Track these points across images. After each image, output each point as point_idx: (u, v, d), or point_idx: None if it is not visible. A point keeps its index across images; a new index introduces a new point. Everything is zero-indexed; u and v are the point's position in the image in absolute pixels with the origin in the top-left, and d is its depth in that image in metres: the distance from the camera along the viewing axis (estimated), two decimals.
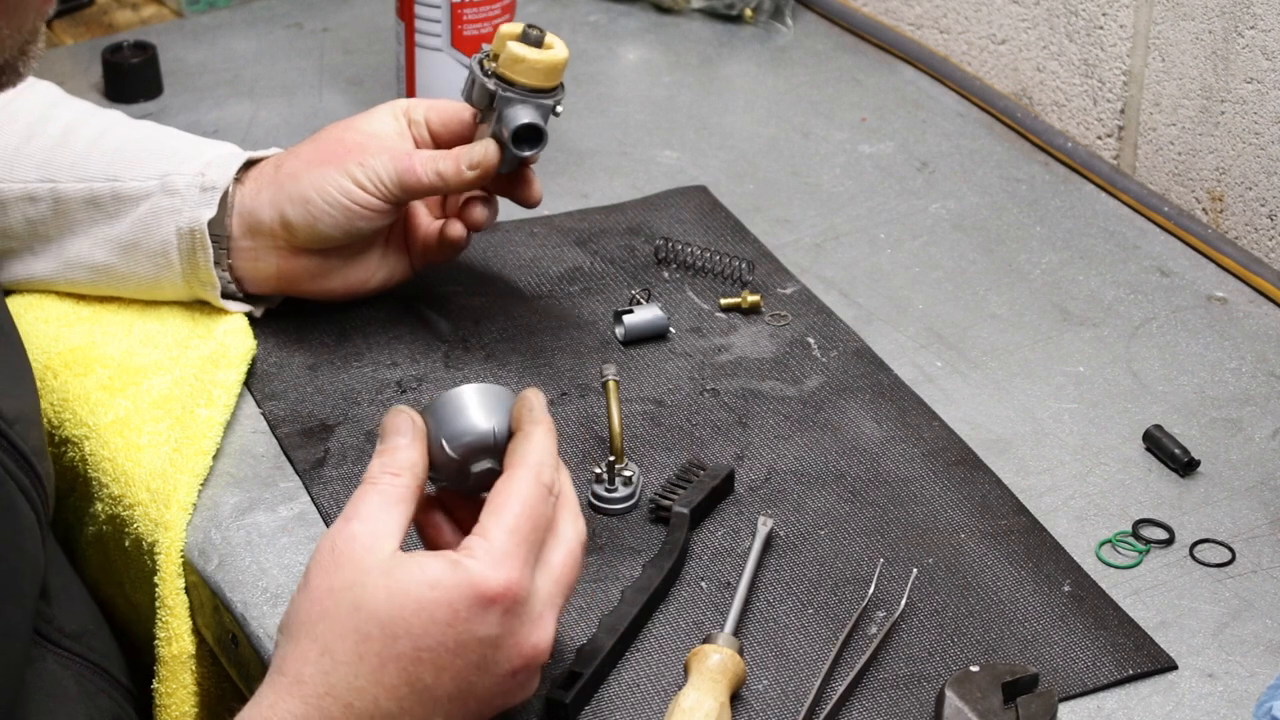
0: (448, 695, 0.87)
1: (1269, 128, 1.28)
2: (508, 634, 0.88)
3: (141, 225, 1.16)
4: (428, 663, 0.86)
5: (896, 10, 1.60)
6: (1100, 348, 1.24)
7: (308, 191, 1.13)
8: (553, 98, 1.16)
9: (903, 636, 1.00)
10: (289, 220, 1.14)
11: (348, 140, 1.15)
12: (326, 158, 1.14)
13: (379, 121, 1.17)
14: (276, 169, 1.16)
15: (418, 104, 1.18)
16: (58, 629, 1.03)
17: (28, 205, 1.18)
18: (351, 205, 1.13)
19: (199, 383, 1.13)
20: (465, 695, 0.87)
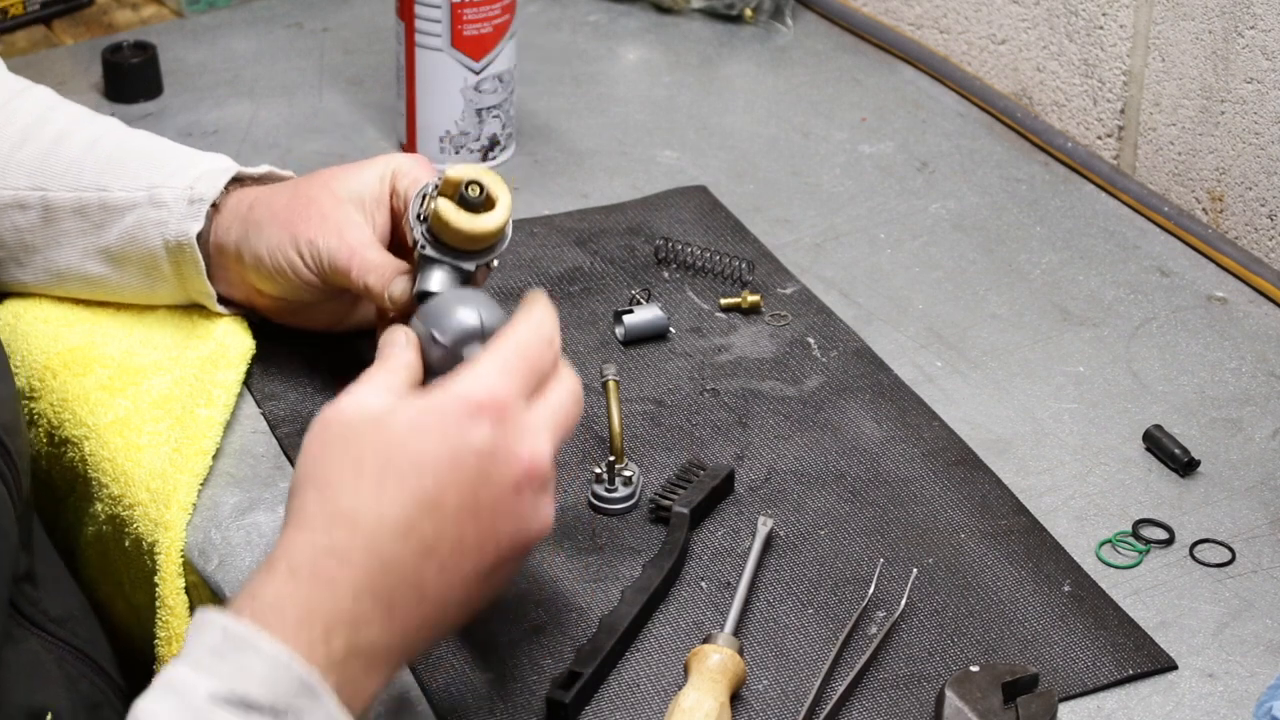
0: (455, 509, 0.86)
1: (1269, 128, 1.28)
2: (501, 444, 0.87)
3: (129, 236, 1.15)
4: (428, 472, 0.86)
5: (896, 10, 1.60)
6: (1100, 348, 1.24)
7: (260, 250, 1.12)
8: (480, 259, 1.07)
9: (903, 636, 1.00)
10: (247, 265, 1.14)
11: (318, 204, 1.12)
12: (289, 219, 1.12)
13: (363, 181, 1.13)
14: (250, 209, 1.14)
15: (407, 173, 1.13)
16: (43, 612, 1.03)
17: (17, 213, 1.17)
18: (293, 276, 1.12)
19: (199, 383, 1.13)
20: (475, 511, 0.86)
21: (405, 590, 0.86)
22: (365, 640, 0.85)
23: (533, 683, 0.97)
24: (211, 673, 0.82)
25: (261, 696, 0.81)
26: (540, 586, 1.03)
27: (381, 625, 0.85)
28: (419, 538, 0.86)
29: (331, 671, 0.83)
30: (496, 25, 1.37)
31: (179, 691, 0.82)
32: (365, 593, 0.85)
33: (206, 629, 0.83)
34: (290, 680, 0.82)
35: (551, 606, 1.02)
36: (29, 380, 1.17)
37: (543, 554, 1.05)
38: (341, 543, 0.86)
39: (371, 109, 1.50)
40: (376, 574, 0.85)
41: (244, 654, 0.82)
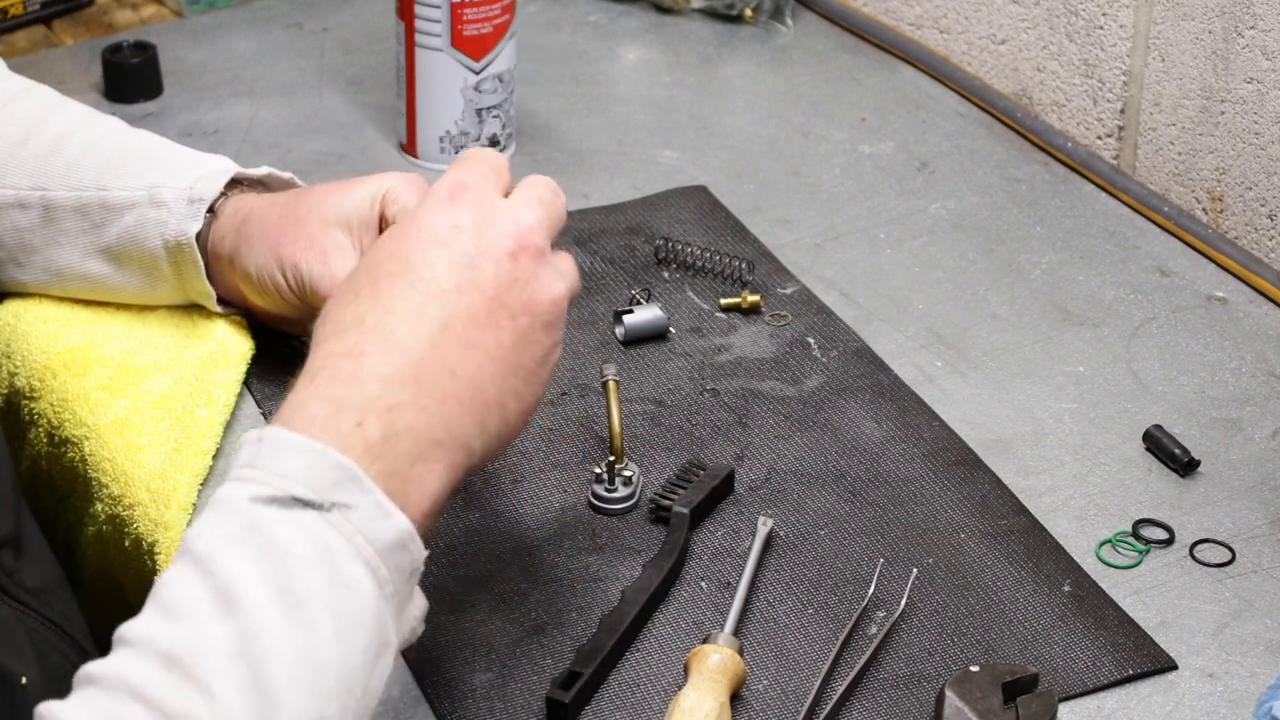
0: (454, 286, 0.88)
1: (1269, 128, 1.28)
2: (483, 216, 0.90)
3: (129, 236, 1.15)
4: (419, 261, 0.88)
5: (896, 10, 1.60)
6: (1100, 348, 1.24)
7: (249, 266, 1.12)
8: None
9: (903, 636, 1.00)
10: (239, 276, 1.14)
11: (305, 226, 1.12)
12: (278, 239, 1.11)
13: (353, 203, 1.12)
14: (244, 221, 1.14)
15: (397, 198, 1.12)
16: (18, 583, 1.03)
17: (18, 213, 1.17)
18: (277, 296, 1.12)
19: (199, 383, 1.13)
20: (476, 283, 0.88)
21: (431, 370, 0.87)
22: (403, 424, 0.85)
23: (533, 683, 0.97)
24: (251, 480, 0.82)
25: (304, 491, 0.81)
26: (540, 586, 1.03)
27: (416, 408, 0.85)
28: (429, 319, 0.87)
29: (372, 460, 0.83)
30: (496, 25, 1.37)
31: (222, 502, 0.82)
32: (390, 377, 0.85)
33: (242, 447, 0.84)
34: (330, 469, 0.82)
35: (551, 606, 1.02)
36: (29, 380, 1.17)
37: (543, 554, 1.05)
38: (353, 342, 0.87)
39: (371, 109, 1.50)
40: (396, 358, 0.86)
41: (279, 455, 0.83)
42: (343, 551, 0.81)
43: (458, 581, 1.03)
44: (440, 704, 0.96)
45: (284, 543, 0.80)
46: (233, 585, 0.79)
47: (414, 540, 0.83)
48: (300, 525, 0.80)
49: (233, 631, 0.78)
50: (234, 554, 0.80)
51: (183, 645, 0.77)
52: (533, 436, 1.14)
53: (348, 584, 0.81)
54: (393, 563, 0.82)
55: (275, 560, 0.79)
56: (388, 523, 0.82)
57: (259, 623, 0.78)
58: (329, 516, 0.81)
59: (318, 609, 0.79)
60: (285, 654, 0.78)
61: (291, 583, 0.79)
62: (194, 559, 0.80)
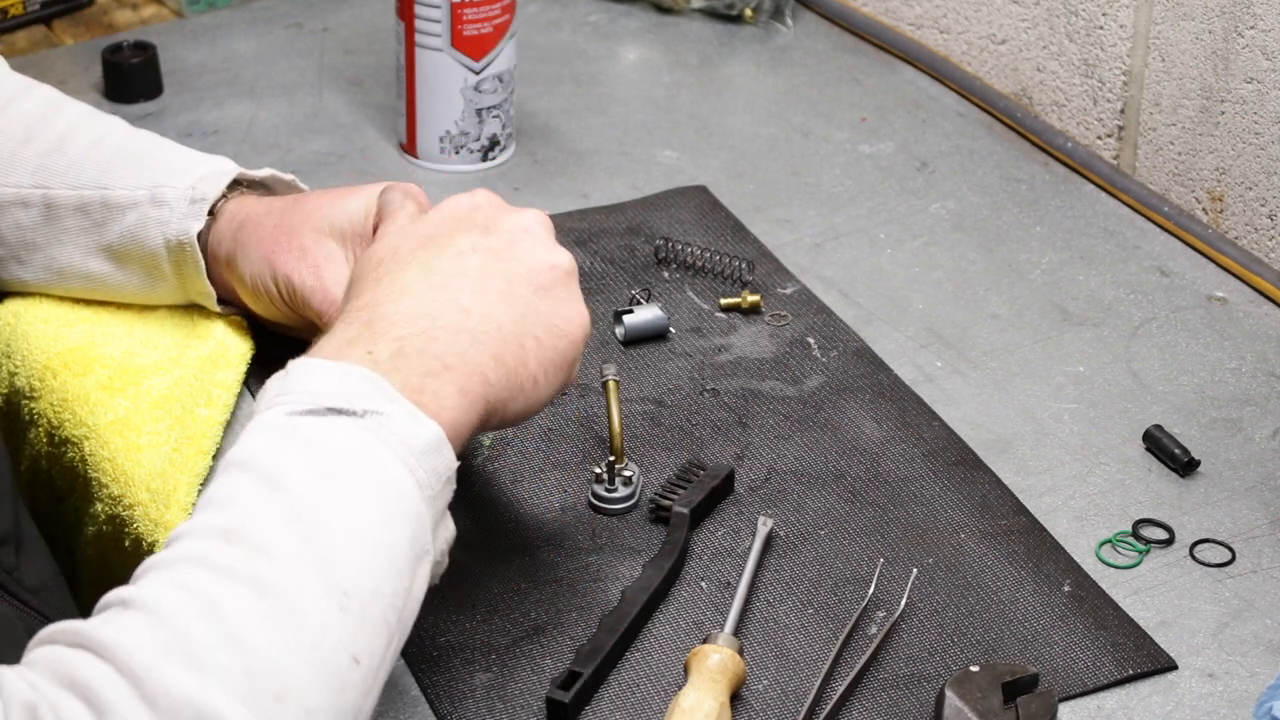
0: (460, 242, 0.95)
1: (1269, 128, 1.28)
2: (497, 204, 0.99)
3: (130, 235, 1.15)
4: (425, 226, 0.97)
5: (896, 10, 1.60)
6: (1100, 348, 1.24)
7: (244, 272, 1.13)
8: None
9: (903, 636, 1.00)
10: (235, 281, 1.14)
11: (298, 236, 1.12)
12: (271, 248, 1.12)
13: (347, 213, 1.12)
14: (240, 227, 1.14)
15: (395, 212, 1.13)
16: (17, 581, 1.03)
17: (20, 211, 1.17)
18: (269, 302, 1.13)
19: (199, 383, 1.13)
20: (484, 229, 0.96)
21: (442, 307, 0.92)
22: (413, 348, 0.89)
23: (533, 683, 0.97)
24: (283, 403, 0.85)
25: (338, 402, 0.85)
26: (540, 586, 1.03)
27: (425, 337, 0.90)
28: (439, 270, 0.94)
29: (384, 375, 0.87)
30: (496, 25, 1.37)
31: (256, 426, 0.86)
32: (400, 317, 0.90)
33: (266, 386, 0.88)
34: (359, 381, 0.86)
35: (551, 606, 1.02)
36: (29, 380, 1.17)
37: (543, 554, 1.05)
38: (369, 299, 0.93)
39: (371, 109, 1.50)
40: (409, 302, 0.92)
41: (308, 375, 0.87)
42: (382, 451, 0.84)
43: (458, 581, 1.03)
44: (440, 704, 0.96)
45: (326, 440, 0.84)
46: (281, 472, 0.82)
47: (445, 445, 0.87)
48: (339, 427, 0.84)
49: (284, 503, 0.81)
50: (278, 453, 0.83)
51: (238, 520, 0.81)
52: (533, 436, 1.14)
53: (392, 481, 0.84)
54: (429, 465, 0.86)
55: (319, 453, 0.83)
56: (421, 427, 0.86)
57: (309, 499, 0.82)
58: (364, 422, 0.85)
59: (365, 495, 0.83)
60: (336, 525, 0.81)
61: (337, 471, 0.83)
62: (238, 465, 0.84)
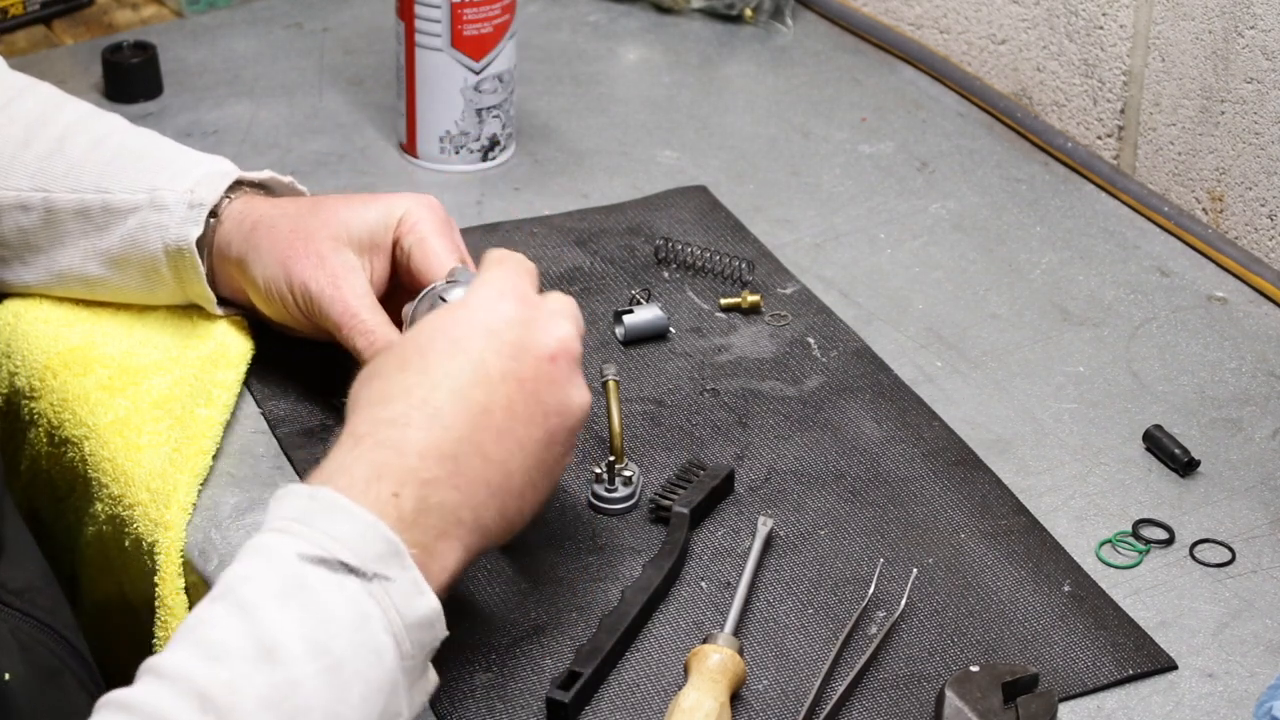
0: (500, 375, 0.92)
1: (1269, 128, 1.28)
2: (529, 317, 0.95)
3: (130, 239, 1.15)
4: (469, 346, 0.93)
5: (896, 10, 1.60)
6: (1100, 348, 1.24)
7: (257, 276, 1.12)
8: None
9: (903, 636, 1.00)
10: (247, 283, 1.14)
11: (315, 244, 1.11)
12: (287, 254, 1.11)
13: (364, 222, 1.12)
14: (253, 228, 1.13)
15: (413, 228, 1.12)
16: (1, 584, 1.03)
17: (20, 214, 1.17)
18: (283, 307, 1.12)
19: (199, 383, 1.13)
20: (519, 377, 0.93)
21: (467, 450, 0.90)
22: (435, 500, 0.88)
23: (533, 683, 0.97)
24: (300, 536, 0.84)
25: (352, 559, 0.84)
26: (540, 586, 1.03)
27: (449, 485, 0.89)
28: (472, 402, 0.91)
29: (404, 530, 0.86)
30: (496, 25, 1.37)
31: (270, 552, 0.85)
32: (430, 451, 0.89)
33: (288, 498, 0.87)
34: (378, 542, 0.85)
35: (551, 606, 1.02)
36: (29, 380, 1.17)
37: (543, 554, 1.05)
38: (400, 412, 0.90)
39: (371, 109, 1.50)
40: (438, 434, 0.90)
41: (331, 517, 0.85)
42: (377, 621, 0.84)
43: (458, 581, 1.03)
44: (440, 704, 0.96)
45: (328, 604, 0.83)
46: (276, 636, 0.81)
47: (440, 620, 0.87)
48: (344, 590, 0.84)
49: (271, 681, 0.80)
50: (279, 607, 0.82)
51: (220, 688, 0.79)
52: None
53: (377, 652, 0.84)
54: (417, 638, 0.86)
55: (318, 619, 0.82)
56: (421, 600, 0.86)
57: (296, 676, 0.81)
58: (370, 586, 0.84)
59: (350, 673, 0.82)
60: (315, 710, 0.81)
61: (330, 643, 0.82)
62: (238, 604, 0.83)
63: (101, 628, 1.19)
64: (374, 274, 1.12)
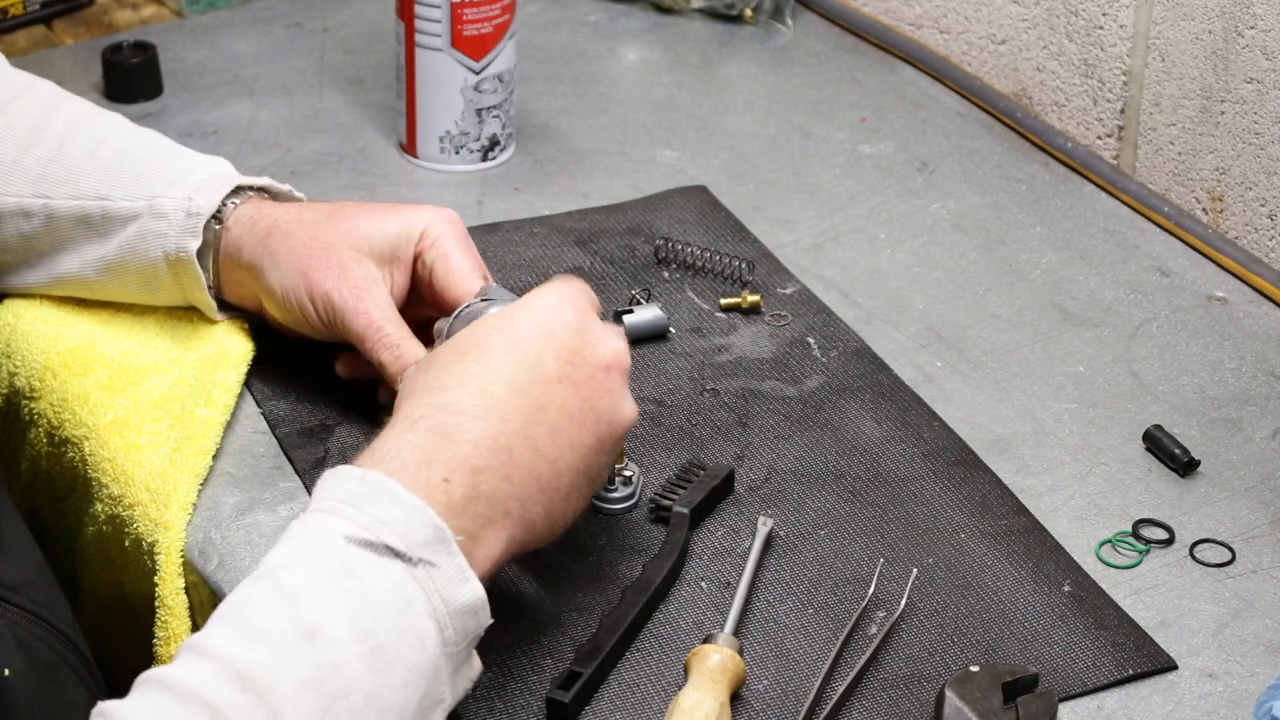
0: (557, 376, 0.93)
1: (1269, 128, 1.28)
2: (587, 325, 0.96)
3: (129, 247, 1.15)
4: (528, 344, 0.93)
5: (896, 10, 1.60)
6: (1100, 348, 1.24)
7: (274, 284, 1.11)
8: None
9: (903, 636, 1.00)
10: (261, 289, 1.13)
11: (336, 254, 1.11)
12: (307, 262, 1.11)
13: (385, 234, 1.11)
14: (268, 234, 1.12)
15: (436, 243, 1.11)
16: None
17: (22, 220, 1.17)
18: (302, 316, 1.12)
19: (199, 383, 1.13)
20: (574, 381, 0.94)
21: (521, 443, 0.91)
22: (485, 488, 0.89)
23: (533, 683, 0.97)
24: (348, 518, 0.85)
25: (398, 543, 0.84)
26: (540, 586, 1.03)
27: (500, 475, 0.90)
28: (529, 398, 0.92)
29: (451, 516, 0.87)
30: (496, 25, 1.37)
31: (316, 533, 0.85)
32: (484, 441, 0.90)
33: (339, 479, 0.87)
34: (425, 527, 0.85)
35: (551, 606, 1.02)
36: (29, 380, 1.17)
37: (543, 554, 1.05)
38: (456, 399, 0.91)
39: (371, 109, 1.50)
40: (495, 424, 0.90)
41: (380, 500, 0.86)
42: (421, 606, 0.84)
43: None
44: None
45: (372, 587, 0.83)
46: (318, 618, 0.82)
47: (484, 608, 0.88)
48: (389, 573, 0.84)
49: (312, 663, 0.80)
50: (323, 589, 0.83)
51: (261, 668, 0.80)
52: None
53: (420, 637, 0.84)
54: (460, 624, 0.86)
55: (362, 601, 0.83)
56: (465, 587, 0.86)
57: (338, 658, 0.81)
58: (415, 571, 0.85)
59: (393, 655, 0.83)
60: (357, 693, 0.81)
61: (375, 626, 0.83)
62: (282, 585, 0.83)
63: (102, 627, 1.19)
64: (394, 286, 1.12)
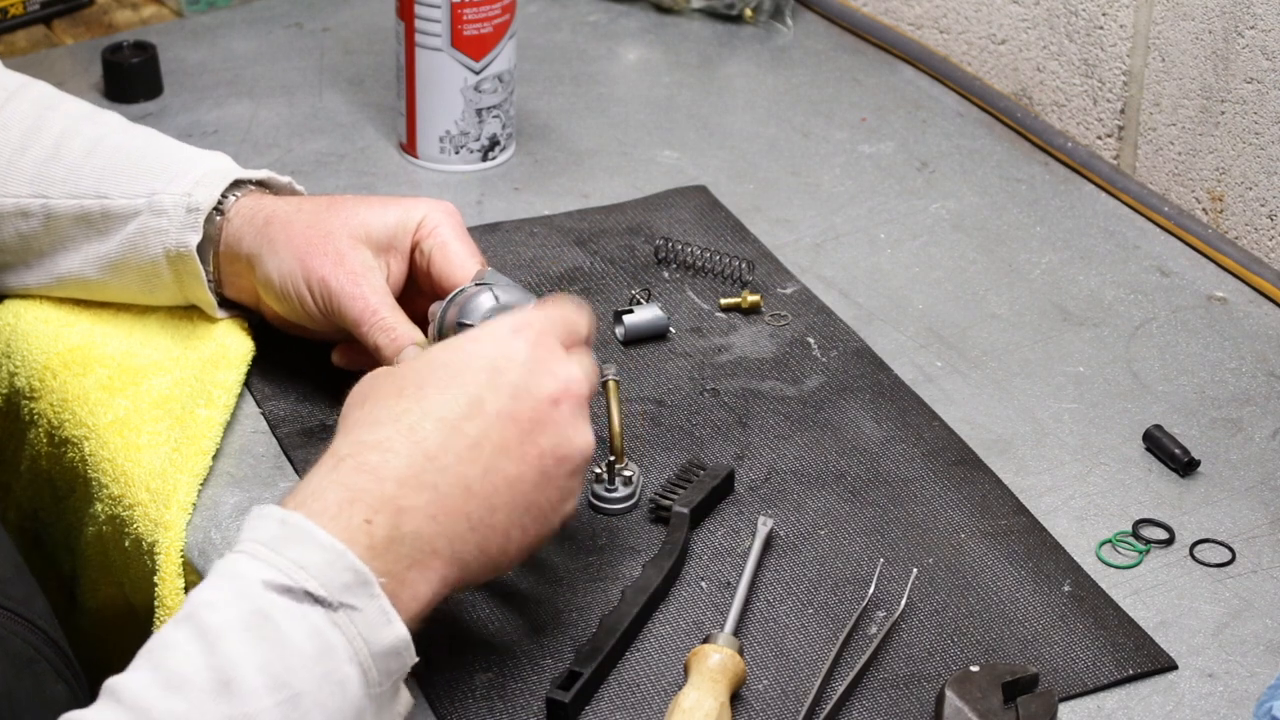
0: (496, 412, 0.91)
1: (1269, 128, 1.28)
2: (538, 358, 0.93)
3: (130, 245, 1.15)
4: (469, 380, 0.91)
5: (896, 10, 1.60)
6: (1100, 348, 1.24)
7: (271, 272, 1.12)
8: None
9: (903, 636, 1.00)
10: (258, 280, 1.13)
11: (334, 241, 1.11)
12: (305, 250, 1.11)
13: (384, 223, 1.12)
14: (266, 224, 1.13)
15: (433, 232, 1.12)
16: None
17: (20, 220, 1.17)
18: (299, 307, 1.12)
19: (199, 383, 1.13)
20: (514, 416, 0.92)
21: (449, 483, 0.89)
22: (409, 528, 0.88)
23: (533, 683, 0.97)
24: (268, 562, 0.84)
25: (317, 589, 0.84)
26: (540, 586, 1.03)
27: (425, 514, 0.88)
28: (461, 434, 0.90)
29: (373, 558, 0.86)
30: (496, 25, 1.37)
31: (236, 578, 0.84)
32: (409, 480, 0.88)
33: (262, 520, 0.86)
34: (345, 572, 0.85)
35: (551, 606, 1.02)
36: (29, 380, 1.17)
37: (543, 554, 1.05)
38: (384, 437, 0.89)
39: (371, 109, 1.50)
40: (420, 463, 0.89)
41: (300, 545, 0.85)
42: (342, 651, 0.84)
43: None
44: (440, 704, 0.96)
45: (289, 636, 0.83)
46: (234, 668, 0.81)
47: (408, 648, 0.87)
48: (307, 620, 0.83)
49: (226, 714, 0.80)
50: (240, 637, 0.82)
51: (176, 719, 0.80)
52: None
53: (341, 682, 0.84)
54: (384, 666, 0.85)
55: (279, 652, 0.82)
56: (388, 629, 0.85)
57: (253, 710, 0.81)
58: (335, 616, 0.84)
59: (309, 705, 0.82)
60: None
61: (290, 676, 0.82)
62: (200, 632, 0.83)
63: (102, 627, 1.19)
64: (391, 275, 1.12)
